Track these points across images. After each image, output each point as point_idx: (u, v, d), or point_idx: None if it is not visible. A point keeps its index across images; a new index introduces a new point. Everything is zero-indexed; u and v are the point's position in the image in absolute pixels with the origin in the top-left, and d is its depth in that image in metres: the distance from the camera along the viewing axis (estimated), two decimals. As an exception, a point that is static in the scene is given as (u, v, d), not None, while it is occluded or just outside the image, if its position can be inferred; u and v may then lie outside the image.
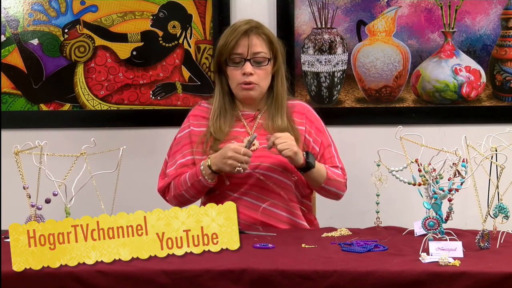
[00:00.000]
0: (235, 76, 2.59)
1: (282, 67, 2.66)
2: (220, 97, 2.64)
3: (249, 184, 2.55)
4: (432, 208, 2.12)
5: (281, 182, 2.57)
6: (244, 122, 2.64)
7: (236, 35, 2.57)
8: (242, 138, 2.58)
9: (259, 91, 2.61)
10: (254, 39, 2.58)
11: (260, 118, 2.64)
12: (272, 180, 2.55)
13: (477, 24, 3.26)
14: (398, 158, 2.29)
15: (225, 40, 2.59)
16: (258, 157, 2.54)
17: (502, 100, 3.30)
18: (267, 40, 2.61)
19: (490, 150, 2.16)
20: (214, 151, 2.53)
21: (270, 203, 2.55)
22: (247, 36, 2.57)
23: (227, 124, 2.60)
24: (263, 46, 2.59)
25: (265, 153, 2.55)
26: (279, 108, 2.62)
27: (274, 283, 1.86)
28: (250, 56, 2.57)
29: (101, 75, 3.30)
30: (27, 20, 3.28)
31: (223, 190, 2.58)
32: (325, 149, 2.66)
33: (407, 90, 3.29)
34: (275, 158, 2.54)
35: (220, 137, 2.57)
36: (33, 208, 2.14)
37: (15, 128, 3.24)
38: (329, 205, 2.90)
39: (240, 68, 2.57)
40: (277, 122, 2.60)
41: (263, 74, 2.59)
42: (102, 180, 2.18)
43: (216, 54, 2.64)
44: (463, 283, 1.83)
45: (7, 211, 2.58)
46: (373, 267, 1.88)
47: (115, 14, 3.28)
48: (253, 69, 2.57)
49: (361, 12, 3.26)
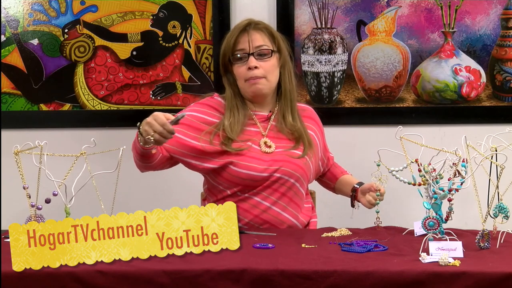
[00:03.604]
0: (241, 72, 2.57)
1: (288, 62, 2.64)
2: (231, 97, 2.60)
3: (263, 186, 2.53)
4: (432, 208, 2.12)
5: (297, 188, 2.57)
6: (257, 122, 2.61)
7: (236, 32, 2.58)
8: (257, 139, 2.57)
9: (268, 85, 2.58)
10: (253, 33, 2.58)
11: (273, 120, 2.62)
12: (285, 184, 2.54)
13: (477, 24, 3.26)
14: (398, 158, 2.29)
15: (227, 40, 2.60)
16: (277, 161, 2.53)
17: (502, 100, 3.30)
18: (268, 33, 2.60)
19: (490, 150, 2.16)
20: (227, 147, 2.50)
21: (279, 205, 2.55)
22: (246, 32, 2.58)
23: (240, 123, 2.56)
24: (264, 39, 2.59)
25: (285, 157, 2.55)
26: (289, 105, 2.60)
27: (274, 283, 1.86)
28: (252, 50, 2.56)
29: (101, 75, 3.30)
30: (27, 20, 3.28)
31: (235, 192, 2.55)
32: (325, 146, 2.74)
33: (407, 90, 3.29)
34: (294, 164, 2.54)
35: (233, 136, 2.53)
36: (33, 208, 2.14)
37: (15, 128, 3.24)
38: (329, 205, 2.91)
39: (244, 63, 2.56)
40: (289, 120, 2.58)
41: (268, 67, 2.57)
42: (102, 180, 2.18)
43: (220, 57, 2.63)
44: (463, 283, 1.83)
45: (7, 211, 2.58)
46: (373, 267, 1.88)
47: (115, 14, 3.28)
48: (258, 63, 2.55)
49: (361, 12, 3.26)
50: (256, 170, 2.51)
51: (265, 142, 2.56)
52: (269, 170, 2.51)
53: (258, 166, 2.51)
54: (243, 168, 2.51)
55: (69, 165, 2.21)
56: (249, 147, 2.54)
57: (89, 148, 2.20)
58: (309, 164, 2.58)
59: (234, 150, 2.51)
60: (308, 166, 2.58)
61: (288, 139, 2.59)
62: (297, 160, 2.55)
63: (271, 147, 2.56)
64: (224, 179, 2.55)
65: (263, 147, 2.55)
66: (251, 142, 2.54)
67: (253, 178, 2.51)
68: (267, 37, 2.59)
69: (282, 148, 2.57)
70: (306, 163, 2.57)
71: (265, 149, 2.55)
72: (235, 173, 2.51)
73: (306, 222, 2.63)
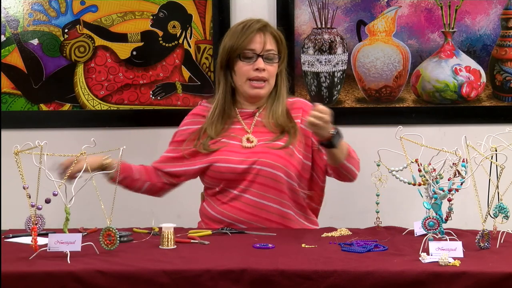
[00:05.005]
0: (245, 71, 2.61)
1: (285, 68, 2.71)
2: (222, 96, 2.66)
3: (247, 180, 2.56)
4: (432, 208, 2.12)
5: (284, 181, 2.57)
6: (240, 120, 2.66)
7: (252, 31, 2.61)
8: (239, 136, 2.62)
9: (268, 88, 2.64)
10: (268, 36, 2.63)
11: (258, 115, 2.65)
12: (269, 176, 2.55)
13: (477, 24, 3.26)
14: (398, 158, 2.29)
15: (237, 36, 2.62)
16: (256, 152, 2.57)
17: (502, 100, 3.30)
18: (278, 39, 2.66)
19: (490, 150, 2.16)
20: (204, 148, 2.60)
21: (265, 197, 2.56)
22: (262, 33, 2.62)
23: (223, 123, 2.64)
24: (273, 44, 2.64)
25: (264, 149, 2.58)
26: (280, 106, 2.65)
27: (274, 283, 1.86)
28: (263, 52, 2.60)
29: (101, 75, 3.30)
30: (27, 20, 3.28)
31: (223, 188, 2.60)
32: None
33: (407, 90, 3.29)
34: (273, 154, 2.56)
35: (212, 135, 2.62)
36: (33, 208, 2.14)
37: (15, 128, 3.24)
38: (329, 205, 2.91)
39: (252, 63, 2.60)
40: (277, 119, 2.62)
41: (273, 71, 2.63)
42: (102, 180, 2.18)
43: (226, 51, 2.64)
44: (463, 283, 1.83)
45: (7, 211, 2.58)
46: (373, 267, 1.88)
47: (115, 14, 3.28)
48: (265, 65, 2.60)
49: (361, 12, 3.26)
50: (233, 163, 2.56)
51: (248, 138, 2.61)
52: (247, 162, 2.55)
53: (236, 159, 2.57)
54: (222, 162, 2.57)
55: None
56: (228, 144, 2.60)
57: (89, 148, 2.20)
58: (294, 154, 2.59)
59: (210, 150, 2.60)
60: (293, 157, 2.58)
61: (272, 133, 2.62)
62: (278, 150, 2.57)
63: (253, 142, 2.61)
64: (208, 177, 2.61)
65: (244, 142, 2.61)
66: (233, 140, 2.61)
67: (232, 171, 2.56)
68: (275, 43, 2.65)
69: (264, 141, 2.60)
70: (291, 153, 2.58)
71: (246, 144, 2.60)
72: (216, 169, 2.57)
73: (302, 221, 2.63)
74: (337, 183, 2.72)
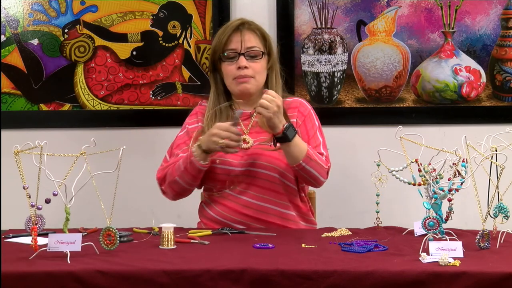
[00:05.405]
0: (229, 71, 2.61)
1: (276, 64, 2.68)
2: (215, 98, 2.66)
3: (245, 182, 2.56)
4: (432, 208, 2.12)
5: (281, 182, 2.57)
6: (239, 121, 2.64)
7: (229, 31, 2.61)
8: None
9: (255, 84, 2.62)
10: (246, 33, 2.61)
11: (255, 116, 2.64)
12: (265, 178, 2.55)
13: (477, 24, 3.26)
14: (398, 158, 2.29)
15: (218, 38, 2.63)
16: (251, 154, 2.57)
17: (502, 100, 3.30)
18: (260, 35, 2.64)
19: (490, 150, 2.16)
20: None
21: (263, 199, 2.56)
22: (239, 31, 2.61)
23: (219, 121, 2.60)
24: (256, 40, 2.62)
25: (259, 150, 2.58)
26: None
27: (274, 283, 1.86)
28: (243, 50, 2.59)
29: (101, 75, 3.29)
30: (27, 20, 3.28)
31: (221, 189, 2.60)
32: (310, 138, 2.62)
33: (407, 90, 3.29)
34: (269, 156, 2.56)
35: None
36: (33, 208, 2.14)
37: (15, 128, 3.24)
38: (329, 205, 2.91)
39: (234, 62, 2.60)
40: None
41: (258, 68, 2.61)
42: (102, 180, 2.18)
43: (211, 54, 2.67)
44: (463, 283, 1.83)
45: (7, 211, 2.58)
46: (373, 267, 1.88)
47: (115, 14, 3.28)
48: (248, 63, 2.59)
49: (361, 12, 3.26)
50: (229, 165, 2.56)
51: (244, 139, 2.59)
52: (242, 164, 2.55)
53: (231, 161, 2.56)
54: (217, 164, 2.56)
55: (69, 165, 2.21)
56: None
57: (89, 148, 2.20)
58: None
59: None
60: None
61: (268, 133, 2.60)
62: (273, 152, 2.56)
63: (249, 143, 2.60)
64: (205, 178, 2.59)
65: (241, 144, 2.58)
66: None
67: (228, 173, 2.56)
68: (258, 39, 2.63)
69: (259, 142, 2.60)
70: None
71: (242, 145, 2.56)
72: (212, 170, 2.56)
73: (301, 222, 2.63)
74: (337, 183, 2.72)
